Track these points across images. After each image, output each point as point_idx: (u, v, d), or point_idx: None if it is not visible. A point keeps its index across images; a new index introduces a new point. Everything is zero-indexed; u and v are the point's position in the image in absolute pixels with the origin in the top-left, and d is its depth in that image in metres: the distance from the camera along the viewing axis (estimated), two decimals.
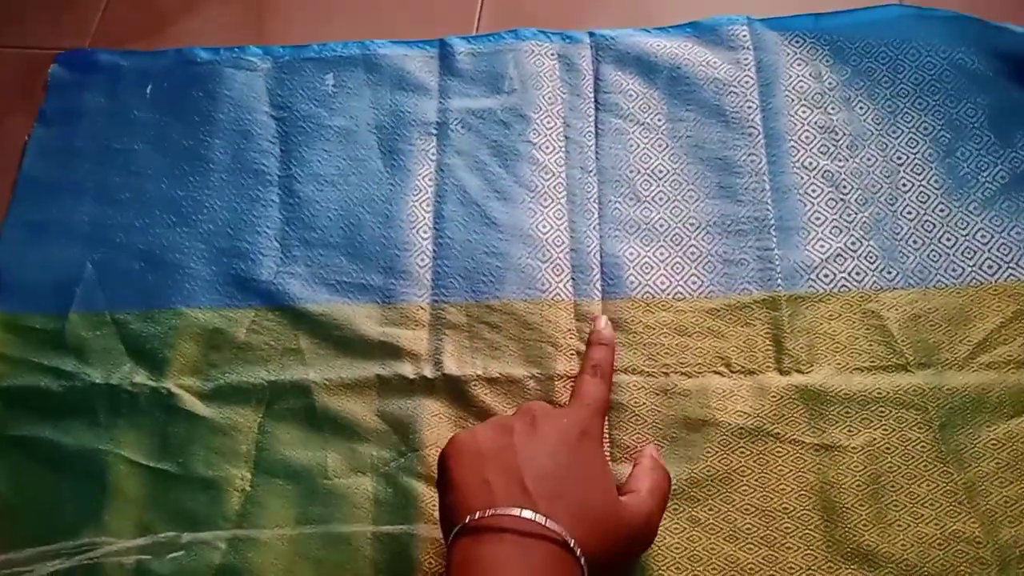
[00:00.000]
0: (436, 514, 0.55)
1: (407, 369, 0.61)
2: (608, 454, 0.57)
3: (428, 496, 0.57)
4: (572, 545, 0.43)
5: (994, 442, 0.54)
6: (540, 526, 0.43)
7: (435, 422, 0.59)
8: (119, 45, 0.79)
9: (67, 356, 0.64)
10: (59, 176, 0.72)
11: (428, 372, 0.61)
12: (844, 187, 0.63)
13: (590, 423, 0.51)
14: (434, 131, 0.70)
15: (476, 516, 0.44)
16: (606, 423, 0.58)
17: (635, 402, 0.58)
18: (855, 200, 0.62)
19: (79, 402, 0.62)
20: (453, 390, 0.60)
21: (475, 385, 0.60)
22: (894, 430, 0.55)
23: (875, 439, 0.55)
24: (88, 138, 0.73)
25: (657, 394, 0.58)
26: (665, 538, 0.54)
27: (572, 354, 0.60)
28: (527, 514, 0.44)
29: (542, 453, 0.47)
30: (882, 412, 0.56)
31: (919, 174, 0.63)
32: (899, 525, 0.53)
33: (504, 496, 0.45)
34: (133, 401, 0.62)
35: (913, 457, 0.55)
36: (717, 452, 0.56)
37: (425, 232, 0.66)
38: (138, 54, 0.77)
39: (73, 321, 0.65)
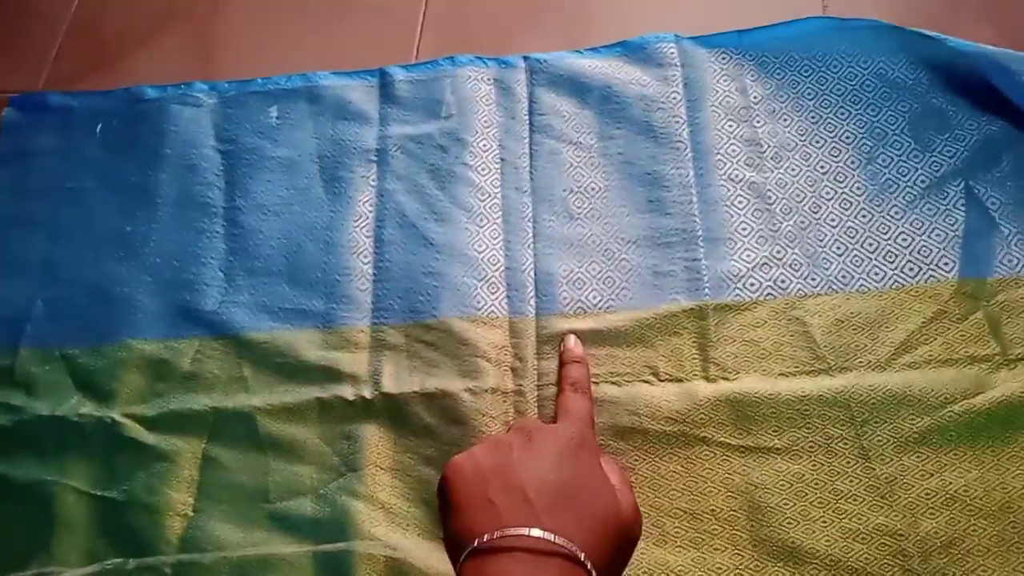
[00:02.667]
0: (373, 530, 0.57)
1: (347, 391, 0.62)
2: None
3: (366, 513, 0.59)
4: (583, 559, 0.44)
5: (915, 436, 0.55)
6: (550, 543, 0.44)
7: (375, 441, 0.61)
8: (71, 86, 0.81)
9: (16, 391, 0.65)
10: (11, 214, 0.73)
11: (367, 393, 0.62)
12: (769, 197, 0.64)
13: (585, 434, 0.52)
14: (374, 158, 0.71)
15: (485, 538, 0.44)
16: None
17: None
18: (780, 210, 0.64)
19: (27, 435, 0.63)
20: (392, 409, 0.61)
21: (413, 402, 0.61)
22: (817, 428, 0.56)
23: (799, 439, 0.56)
24: (40, 177, 0.75)
25: None
26: None
27: (506, 369, 0.61)
28: (536, 532, 0.44)
29: (543, 467, 0.48)
30: (806, 412, 0.57)
31: (841, 182, 0.64)
32: (823, 521, 0.54)
33: (510, 515, 0.45)
34: (79, 432, 0.63)
35: (836, 454, 0.56)
36: (645, 458, 0.57)
37: (365, 256, 0.67)
38: (88, 94, 0.79)
39: (23, 357, 0.67)
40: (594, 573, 0.44)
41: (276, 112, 0.75)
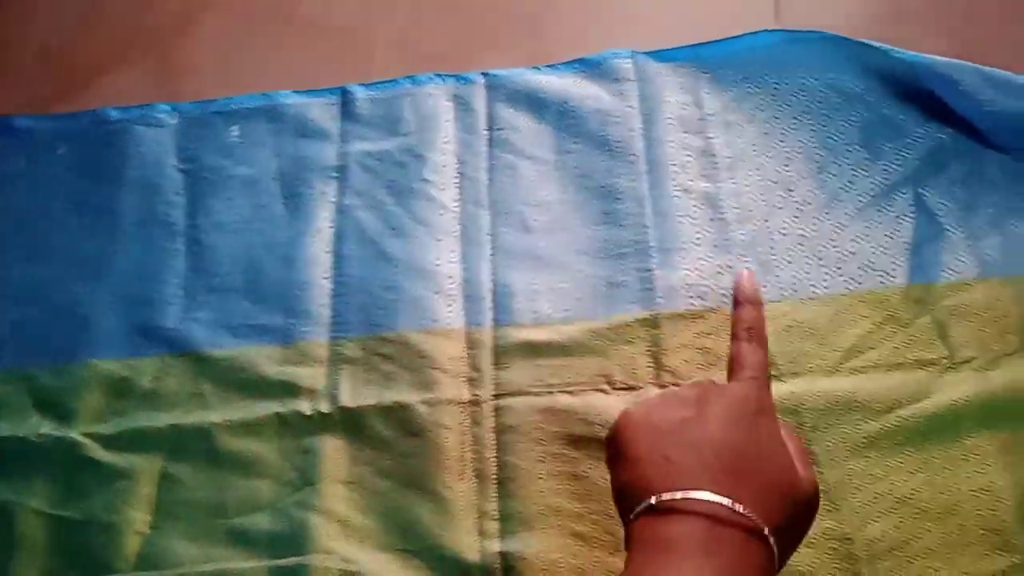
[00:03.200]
0: (329, 544, 0.57)
1: (305, 406, 0.63)
2: (495, 486, 0.59)
3: (322, 527, 0.59)
4: (766, 532, 0.41)
5: (863, 441, 0.56)
6: (732, 512, 0.41)
7: (332, 454, 0.61)
8: (38, 111, 0.81)
9: None
10: None
11: (325, 407, 0.62)
12: (722, 207, 0.65)
13: (763, 397, 0.47)
14: (334, 174, 0.72)
15: (665, 497, 0.41)
16: (494, 446, 0.59)
17: (522, 423, 0.60)
18: (733, 219, 0.65)
19: None
20: (349, 422, 0.62)
21: (370, 415, 0.61)
22: None
23: None
24: (5, 201, 0.75)
25: (541, 412, 0.60)
26: (549, 554, 0.56)
27: (463, 380, 0.62)
28: (717, 498, 0.41)
29: (721, 430, 0.44)
30: None
31: (793, 191, 0.65)
32: None
33: (688, 476, 0.42)
34: (39, 452, 0.63)
35: None
36: (599, 468, 0.58)
37: (325, 272, 0.68)
38: (53, 117, 0.80)
39: None
40: (774, 547, 0.41)
41: (237, 131, 0.76)
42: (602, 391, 0.60)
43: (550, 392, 0.61)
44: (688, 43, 0.73)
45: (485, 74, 0.75)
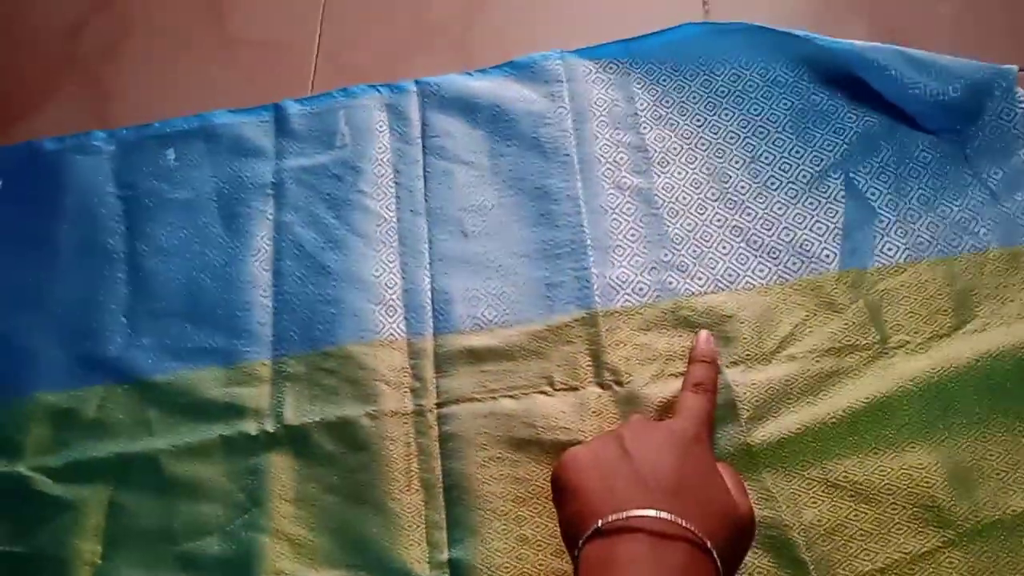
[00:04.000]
0: (279, 564, 0.57)
1: (250, 426, 0.63)
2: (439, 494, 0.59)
3: (271, 547, 0.59)
4: (709, 546, 0.43)
5: (797, 428, 0.56)
6: (676, 525, 0.44)
7: (278, 473, 0.61)
8: None
9: None
10: None
11: (269, 426, 0.62)
12: (656, 202, 0.65)
13: (699, 431, 0.51)
14: (271, 191, 0.72)
15: (610, 518, 0.44)
16: (439, 455, 0.59)
17: (465, 429, 0.60)
18: (667, 213, 0.65)
19: None
20: (295, 440, 0.62)
21: (315, 431, 0.61)
22: None
23: None
24: None
25: (485, 417, 0.60)
26: (494, 558, 0.56)
27: (405, 391, 0.62)
28: (663, 514, 0.43)
29: (659, 457, 0.48)
30: None
31: (726, 182, 0.65)
32: None
33: (631, 499, 0.45)
34: None
35: (722, 451, 0.56)
36: (542, 470, 0.58)
37: (264, 291, 0.68)
38: None
39: None
40: (718, 561, 0.43)
41: (173, 154, 0.76)
42: (544, 393, 0.61)
43: (493, 397, 0.61)
44: (614, 40, 0.73)
45: (418, 82, 0.75)
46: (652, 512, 0.44)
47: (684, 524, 0.43)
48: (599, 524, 0.44)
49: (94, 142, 0.77)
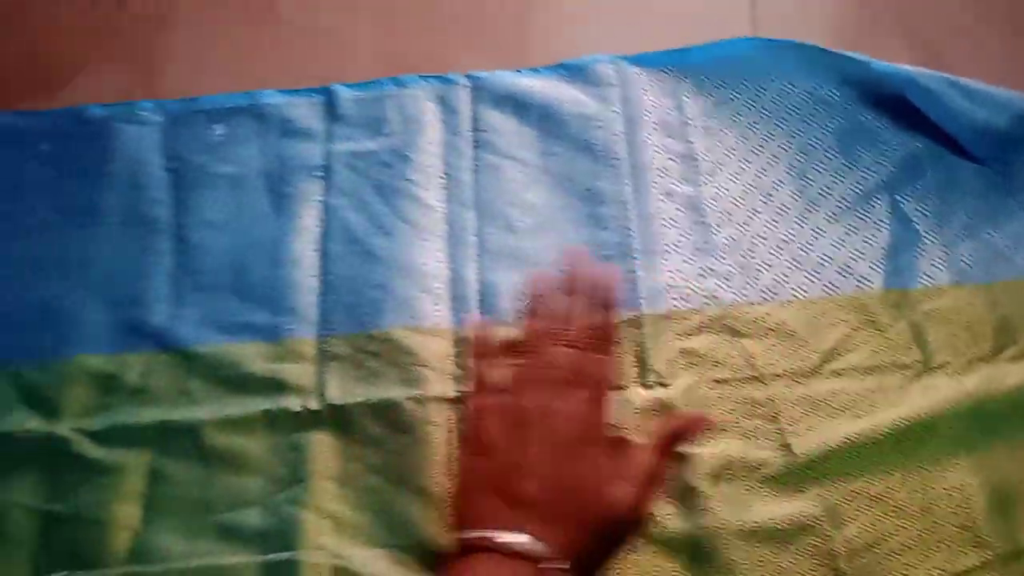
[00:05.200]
0: (320, 539, 0.58)
1: (293, 402, 0.63)
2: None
3: (312, 523, 0.59)
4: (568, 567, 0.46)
5: (841, 441, 0.57)
6: (535, 548, 0.46)
7: (321, 451, 0.62)
8: (12, 106, 0.80)
9: None
10: None
11: (314, 404, 0.63)
12: (703, 211, 0.67)
13: (594, 418, 0.52)
14: (320, 174, 0.72)
15: (472, 536, 0.48)
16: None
17: None
18: (713, 223, 0.66)
19: None
20: (337, 419, 0.62)
21: (359, 412, 0.62)
22: (747, 434, 0.58)
23: (727, 447, 0.58)
24: None
25: None
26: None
27: (448, 377, 0.63)
28: (523, 538, 0.46)
29: (540, 462, 0.50)
30: (734, 420, 0.59)
31: (772, 195, 0.67)
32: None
33: (498, 517, 0.48)
34: (26, 447, 0.63)
35: (764, 461, 0.58)
36: None
37: (311, 270, 0.68)
38: (32, 114, 0.79)
39: None
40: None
41: (222, 130, 0.76)
42: None
43: None
44: (667, 48, 0.74)
45: (469, 76, 0.76)
46: (511, 537, 0.47)
47: (543, 549, 0.46)
48: (461, 536, 0.48)
49: (141, 112, 0.77)
